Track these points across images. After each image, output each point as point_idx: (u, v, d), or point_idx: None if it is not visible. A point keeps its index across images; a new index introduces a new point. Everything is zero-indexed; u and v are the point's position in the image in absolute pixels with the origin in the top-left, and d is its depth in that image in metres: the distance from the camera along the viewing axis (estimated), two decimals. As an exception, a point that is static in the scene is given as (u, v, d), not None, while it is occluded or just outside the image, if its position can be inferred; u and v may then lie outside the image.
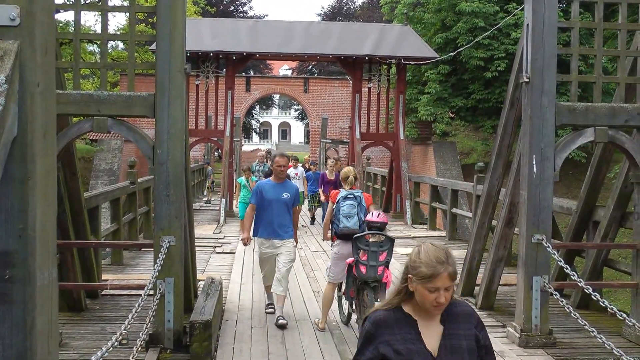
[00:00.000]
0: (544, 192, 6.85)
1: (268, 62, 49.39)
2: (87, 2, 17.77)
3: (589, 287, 6.50)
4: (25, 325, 2.42)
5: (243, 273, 10.27)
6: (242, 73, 34.13)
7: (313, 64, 48.85)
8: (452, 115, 28.03)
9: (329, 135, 31.75)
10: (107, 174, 25.15)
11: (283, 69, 64.71)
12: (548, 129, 6.85)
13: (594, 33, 7.40)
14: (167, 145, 6.35)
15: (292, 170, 15.50)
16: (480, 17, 23.41)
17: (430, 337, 2.55)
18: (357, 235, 6.66)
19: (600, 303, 6.15)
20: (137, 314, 5.10)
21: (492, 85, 24.18)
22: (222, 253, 12.21)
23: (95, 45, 25.16)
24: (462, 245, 12.25)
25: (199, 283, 8.38)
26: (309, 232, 15.22)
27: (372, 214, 6.85)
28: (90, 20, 35.95)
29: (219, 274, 9.07)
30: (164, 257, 6.20)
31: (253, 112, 52.74)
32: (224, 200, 17.62)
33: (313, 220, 16.67)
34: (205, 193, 24.82)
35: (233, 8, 51.48)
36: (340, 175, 7.60)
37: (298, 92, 35.05)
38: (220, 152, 21.53)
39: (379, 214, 6.84)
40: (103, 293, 8.34)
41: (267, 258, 7.60)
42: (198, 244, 10.26)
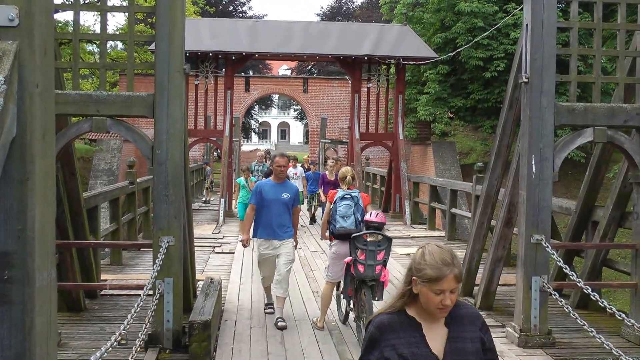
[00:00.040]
0: (543, 192, 6.85)
1: (267, 62, 49.35)
2: (86, 2, 17.76)
3: (588, 287, 6.51)
4: (24, 326, 2.41)
5: (242, 273, 10.27)
6: (241, 73, 34.14)
7: (312, 64, 48.83)
8: (451, 115, 28.03)
9: (328, 135, 31.73)
10: (106, 174, 25.14)
11: (282, 69, 64.65)
12: (547, 129, 6.85)
13: (593, 33, 7.40)
14: (166, 145, 6.35)
15: (291, 170, 15.49)
16: (480, 17, 23.41)
17: (435, 340, 2.51)
18: (355, 235, 6.68)
19: (600, 303, 6.15)
20: (136, 314, 5.11)
21: (491, 85, 24.18)
22: (221, 253, 12.21)
23: (95, 45, 25.14)
24: (461, 245, 12.24)
25: (198, 283, 8.38)
26: (308, 232, 15.21)
27: (370, 214, 6.87)
28: (90, 20, 35.98)
29: (218, 274, 9.06)
30: (163, 257, 6.20)
31: (252, 112, 52.76)
32: (223, 200, 17.62)
33: (313, 221, 16.65)
34: (204, 193, 24.81)
35: (232, 8, 51.46)
36: (338, 175, 7.61)
37: (297, 92, 35.06)
38: (220, 152, 21.52)
39: (378, 214, 6.86)
40: (102, 293, 8.33)
41: (266, 259, 7.57)
42: (197, 244, 10.26)
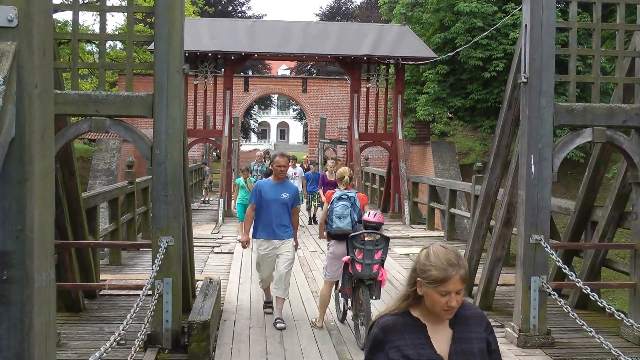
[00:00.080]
0: (542, 192, 6.86)
1: (266, 62, 49.35)
2: (85, 2, 17.74)
3: (587, 287, 6.52)
4: (23, 327, 2.41)
5: (241, 273, 10.27)
6: (240, 73, 34.13)
7: (311, 64, 48.84)
8: (450, 115, 28.01)
9: (328, 135, 31.73)
10: (105, 174, 25.10)
11: (281, 69, 64.65)
12: (546, 129, 6.85)
13: (592, 33, 7.41)
14: (165, 146, 6.35)
15: (290, 170, 15.47)
16: (479, 17, 23.40)
17: (440, 341, 2.49)
18: (352, 234, 6.71)
19: (599, 303, 6.16)
20: (135, 314, 5.11)
21: (490, 85, 24.17)
22: (220, 253, 12.20)
23: (94, 45, 25.12)
24: (460, 246, 12.22)
25: (197, 283, 8.37)
26: (307, 232, 15.21)
27: (368, 214, 6.90)
28: (89, 20, 35.95)
29: (217, 274, 9.07)
30: (162, 257, 6.20)
31: (251, 112, 52.76)
32: (222, 200, 17.60)
33: (313, 221, 16.63)
34: (203, 193, 24.80)
35: (231, 8, 51.45)
36: (336, 176, 7.62)
37: (296, 92, 35.06)
38: (219, 152, 21.53)
39: (376, 214, 6.88)
40: (101, 293, 8.33)
41: (266, 260, 7.54)
42: (196, 244, 10.25)
